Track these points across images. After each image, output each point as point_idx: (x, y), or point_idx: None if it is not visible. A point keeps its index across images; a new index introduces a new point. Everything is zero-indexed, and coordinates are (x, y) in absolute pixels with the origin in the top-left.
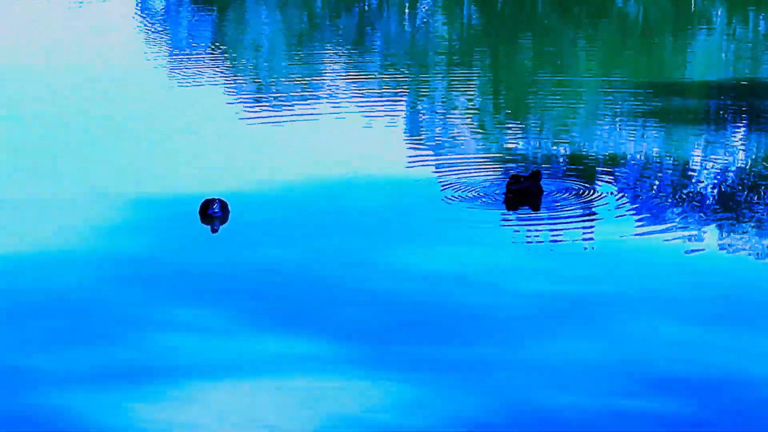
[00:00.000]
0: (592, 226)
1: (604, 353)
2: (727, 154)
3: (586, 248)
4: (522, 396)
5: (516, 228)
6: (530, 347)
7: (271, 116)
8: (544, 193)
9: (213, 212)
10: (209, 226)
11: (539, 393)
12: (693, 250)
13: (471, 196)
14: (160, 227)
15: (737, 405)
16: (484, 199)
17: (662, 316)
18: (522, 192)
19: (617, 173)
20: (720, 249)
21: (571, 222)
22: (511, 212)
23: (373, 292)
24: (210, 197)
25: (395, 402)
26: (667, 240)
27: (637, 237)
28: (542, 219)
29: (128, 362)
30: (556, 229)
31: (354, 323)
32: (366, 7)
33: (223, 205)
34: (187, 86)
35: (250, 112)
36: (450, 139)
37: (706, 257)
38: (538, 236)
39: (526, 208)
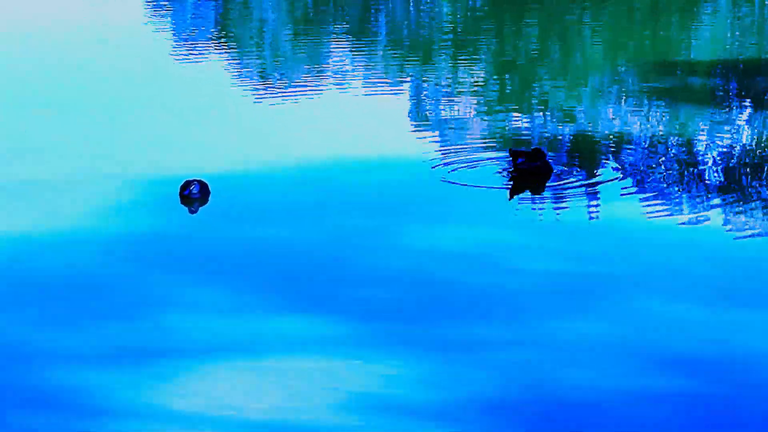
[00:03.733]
0: (598, 205)
1: (612, 331)
2: (733, 134)
3: (593, 227)
4: (532, 373)
5: (523, 207)
6: (540, 325)
7: (273, 98)
8: (553, 171)
9: (190, 193)
10: (187, 208)
11: (550, 370)
12: (700, 229)
13: (476, 175)
14: (151, 207)
15: (745, 382)
16: (489, 178)
17: (669, 294)
18: (531, 171)
19: (623, 153)
20: (727, 228)
21: (577, 201)
22: (518, 191)
23: (379, 271)
24: (189, 178)
25: (403, 381)
26: (674, 219)
27: (644, 216)
28: (549, 198)
29: (132, 342)
30: (564, 208)
31: (360, 302)
32: None
33: (203, 186)
34: (188, 67)
35: (252, 93)
36: (455, 120)
37: (714, 236)
38: (546, 215)
39: (534, 186)
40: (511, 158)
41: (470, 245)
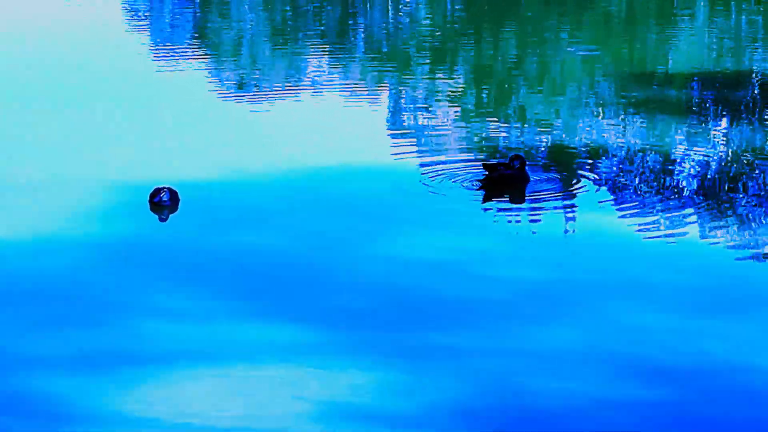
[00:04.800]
0: (575, 215)
1: (584, 340)
2: (709, 145)
3: (568, 236)
4: (507, 382)
5: (499, 215)
6: (515, 334)
7: (250, 105)
8: (530, 180)
9: (160, 200)
10: (157, 215)
11: (524, 379)
12: (676, 240)
13: (452, 183)
14: (121, 213)
15: (719, 392)
16: (465, 187)
17: (645, 304)
18: (507, 178)
19: (600, 163)
20: (702, 239)
21: (554, 210)
22: (493, 199)
23: (351, 278)
24: (159, 185)
25: (373, 389)
26: (649, 229)
27: (619, 226)
28: (526, 207)
29: (100, 348)
30: (540, 217)
31: (332, 310)
32: None
33: (173, 194)
34: (164, 73)
35: (229, 100)
36: (432, 128)
37: (689, 246)
38: (522, 224)
39: (511, 195)
40: (486, 172)
41: (445, 253)
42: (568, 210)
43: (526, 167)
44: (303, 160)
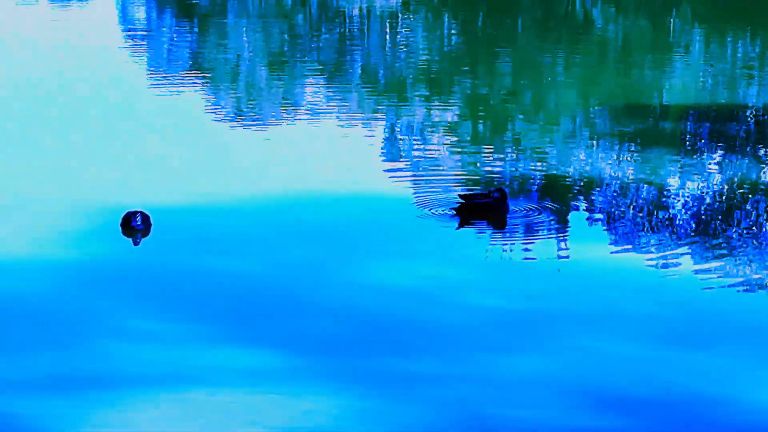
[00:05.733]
0: (559, 245)
1: (557, 369)
2: (701, 179)
3: (550, 266)
4: (477, 410)
5: (474, 244)
6: (483, 362)
7: (242, 130)
8: (509, 211)
9: (136, 224)
10: (131, 239)
11: (489, 406)
12: (659, 272)
13: (433, 212)
14: (95, 236)
15: (691, 424)
16: (441, 214)
17: (621, 334)
18: (483, 207)
19: (590, 194)
20: (687, 272)
21: (539, 240)
22: (472, 228)
23: (324, 304)
24: (132, 209)
25: (340, 414)
26: (634, 260)
27: (603, 257)
28: (512, 237)
29: (67, 370)
30: (526, 247)
31: (302, 335)
32: (347, 24)
33: (145, 218)
34: (159, 96)
35: (223, 124)
36: (424, 157)
37: (671, 279)
38: (502, 252)
39: (490, 223)
40: (463, 201)
41: (416, 280)
42: (554, 240)
43: (507, 199)
44: (287, 186)
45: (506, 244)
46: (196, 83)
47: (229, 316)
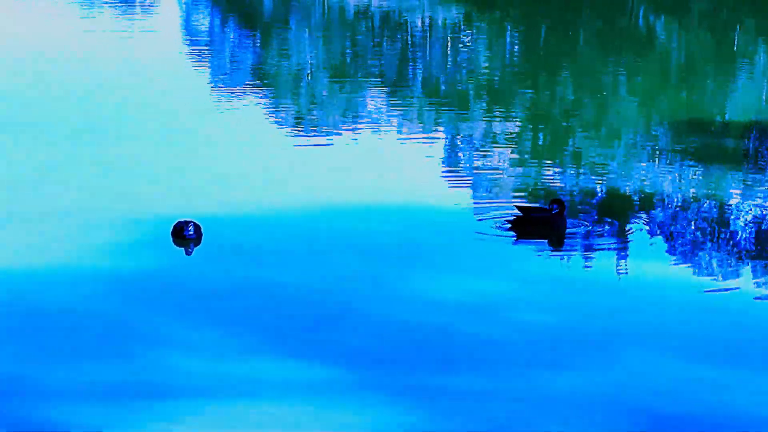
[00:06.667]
0: (617, 261)
1: (614, 388)
2: (763, 196)
3: (608, 283)
4: (523, 426)
5: (532, 258)
6: (535, 378)
7: (302, 141)
8: (566, 226)
9: (188, 234)
10: (183, 249)
11: (546, 425)
12: (718, 291)
13: (492, 225)
14: (150, 246)
15: None
16: (498, 228)
17: (677, 353)
18: (540, 221)
19: (650, 210)
20: (747, 291)
21: (596, 256)
22: (529, 242)
23: (379, 317)
24: (183, 219)
25: (390, 430)
26: (692, 278)
27: (661, 274)
28: (569, 252)
29: (121, 379)
30: (582, 263)
31: (354, 349)
32: (408, 37)
33: (197, 228)
34: (222, 109)
35: (284, 136)
36: (484, 171)
37: (730, 298)
38: (561, 268)
39: (548, 238)
40: (520, 213)
41: (477, 295)
42: (613, 256)
43: (566, 211)
44: (343, 198)
45: (562, 259)
46: (256, 93)
47: (278, 327)
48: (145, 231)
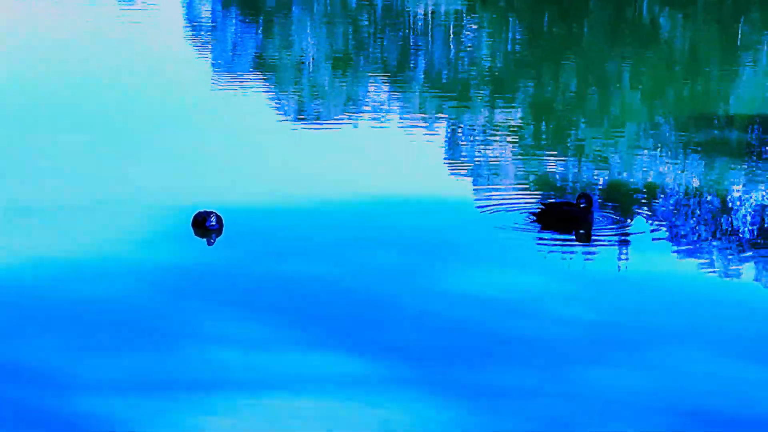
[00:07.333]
0: (635, 256)
1: (646, 384)
2: None
3: (628, 277)
4: (559, 424)
5: (558, 252)
6: (570, 375)
7: (307, 131)
8: (594, 221)
9: (210, 225)
10: (206, 239)
11: (577, 421)
12: (735, 283)
13: (508, 218)
14: (171, 236)
15: None
16: (521, 221)
17: (704, 348)
18: (567, 214)
19: (662, 204)
20: (762, 283)
21: (613, 250)
22: (553, 237)
23: (407, 310)
24: (205, 210)
25: (425, 424)
26: (710, 272)
27: (680, 268)
28: (587, 246)
29: (147, 372)
30: (601, 257)
31: (380, 342)
32: (411, 26)
33: (219, 218)
34: (224, 96)
35: (287, 126)
36: (490, 162)
37: (750, 290)
38: (582, 263)
39: (575, 233)
40: (547, 208)
41: (498, 289)
42: (628, 250)
43: (593, 206)
44: (356, 189)
45: (592, 254)
46: (263, 83)
47: (304, 319)
48: (165, 222)
